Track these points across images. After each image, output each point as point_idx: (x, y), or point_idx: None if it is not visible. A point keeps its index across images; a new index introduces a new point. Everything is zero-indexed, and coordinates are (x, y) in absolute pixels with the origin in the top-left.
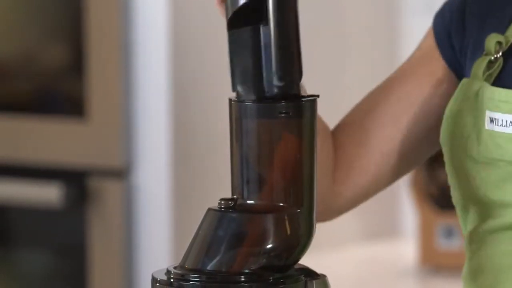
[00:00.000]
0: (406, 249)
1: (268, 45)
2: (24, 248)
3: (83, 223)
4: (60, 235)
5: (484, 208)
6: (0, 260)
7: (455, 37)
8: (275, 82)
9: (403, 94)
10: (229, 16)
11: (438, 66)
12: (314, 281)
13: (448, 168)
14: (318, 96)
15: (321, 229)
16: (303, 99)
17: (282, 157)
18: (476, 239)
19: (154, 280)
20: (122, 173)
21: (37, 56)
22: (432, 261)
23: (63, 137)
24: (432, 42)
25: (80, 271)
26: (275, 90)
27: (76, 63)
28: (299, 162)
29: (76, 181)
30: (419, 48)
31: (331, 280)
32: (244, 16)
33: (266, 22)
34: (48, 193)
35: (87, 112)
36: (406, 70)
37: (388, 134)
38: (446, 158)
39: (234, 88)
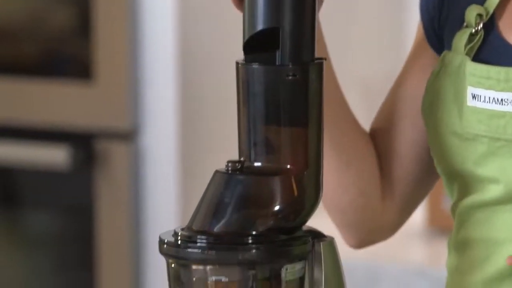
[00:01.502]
0: None
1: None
2: (32, 210)
3: (90, 185)
4: (68, 197)
5: (469, 182)
6: (8, 221)
7: (435, 13)
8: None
9: (409, 93)
10: None
11: (429, 58)
12: (321, 243)
13: (430, 141)
14: (325, 59)
15: None
16: (310, 62)
17: (289, 119)
18: (463, 212)
19: (161, 241)
20: (129, 135)
21: (44, 18)
22: (439, 222)
23: (70, 99)
24: (421, 33)
25: (87, 233)
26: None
27: (83, 25)
28: (306, 125)
29: (83, 144)
30: (414, 40)
31: (338, 241)
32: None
33: None
34: (55, 156)
35: (94, 75)
36: (407, 67)
37: (410, 139)
38: (428, 131)
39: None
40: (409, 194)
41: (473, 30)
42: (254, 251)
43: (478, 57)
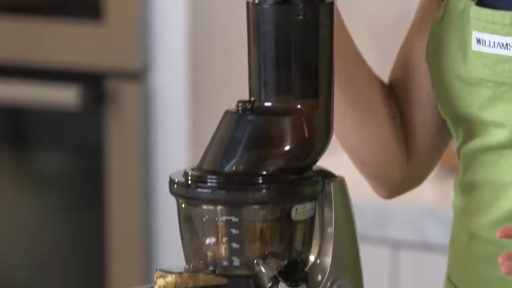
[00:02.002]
0: None
1: None
2: (42, 150)
3: (100, 125)
4: (78, 137)
5: (474, 127)
6: (18, 162)
7: None
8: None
9: (423, 43)
10: None
11: (439, 7)
12: (331, 183)
13: (435, 86)
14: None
15: None
16: (321, 2)
17: (299, 59)
18: (469, 155)
19: (171, 181)
20: (139, 74)
21: None
22: (450, 162)
23: (80, 39)
24: None
25: (97, 173)
26: None
27: None
28: (316, 65)
29: (93, 83)
30: None
31: (348, 181)
32: None
33: None
34: (65, 95)
35: (104, 14)
36: (417, 17)
37: (427, 88)
38: (432, 76)
39: None
40: (431, 143)
41: None
42: (264, 191)
43: (482, 1)
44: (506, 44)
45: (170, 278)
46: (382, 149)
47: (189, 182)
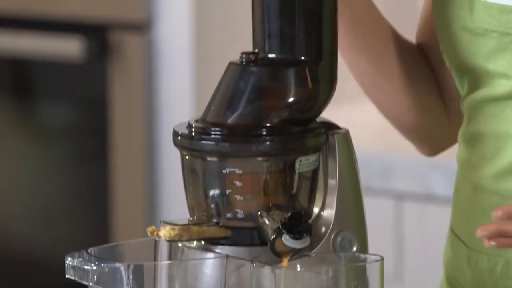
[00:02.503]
0: None
1: None
2: (45, 102)
3: (104, 76)
4: (82, 88)
5: (479, 77)
6: (22, 113)
7: None
8: None
9: None
10: None
11: None
12: (335, 135)
13: (440, 35)
14: None
15: (341, 83)
16: None
17: (303, 10)
18: (473, 105)
19: (175, 133)
20: (143, 26)
21: None
22: None
23: None
24: None
25: (101, 124)
26: None
27: None
28: (320, 16)
29: (98, 35)
30: None
31: (352, 133)
32: None
33: None
34: (69, 47)
35: None
36: None
37: None
38: (438, 27)
39: None
40: None
41: None
42: (268, 143)
43: None
44: None
45: (174, 230)
46: (422, 113)
47: (193, 134)
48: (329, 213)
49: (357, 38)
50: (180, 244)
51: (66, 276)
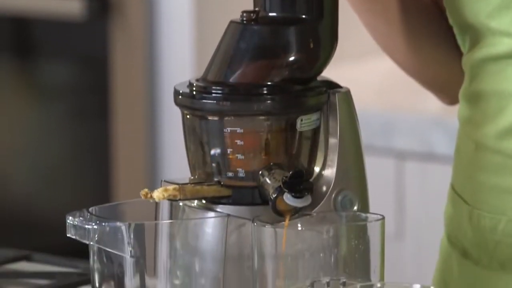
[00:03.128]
0: None
1: None
2: (47, 61)
3: (105, 35)
4: (82, 47)
5: (481, 35)
6: (24, 72)
7: None
8: None
9: None
10: None
11: None
12: (336, 93)
13: None
14: None
15: (343, 41)
16: None
17: None
18: (475, 64)
19: (176, 92)
20: None
21: None
22: None
23: None
24: None
25: (102, 83)
26: None
27: None
28: None
29: None
30: None
31: (353, 92)
32: None
33: None
34: (70, 5)
35: None
36: None
37: None
38: None
39: None
40: None
41: None
42: (269, 101)
43: None
44: None
45: (167, 191)
46: (442, 66)
47: (194, 93)
48: (330, 172)
49: (375, 3)
50: (181, 204)
51: (67, 235)
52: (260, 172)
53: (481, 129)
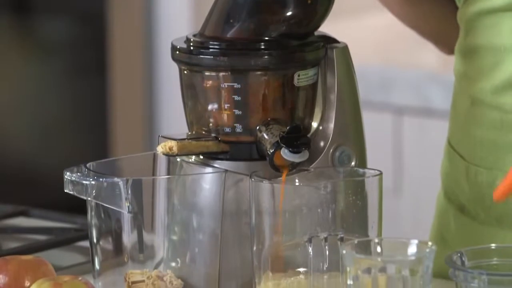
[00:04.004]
0: None
1: None
2: (44, 16)
3: None
4: (81, 2)
5: None
6: (22, 28)
7: None
8: None
9: None
10: None
11: None
12: (334, 49)
13: None
14: None
15: None
16: None
17: None
18: (470, 18)
19: (173, 48)
20: None
21: None
22: None
23: None
24: None
25: (100, 39)
26: None
27: None
28: None
29: None
30: None
31: (351, 47)
32: None
33: None
34: None
35: None
36: None
37: None
38: None
39: None
40: None
41: None
42: (266, 57)
43: None
44: None
45: (172, 145)
46: (439, 20)
47: (191, 48)
48: (328, 127)
49: None
50: (178, 159)
51: (65, 191)
52: (258, 128)
53: (477, 84)
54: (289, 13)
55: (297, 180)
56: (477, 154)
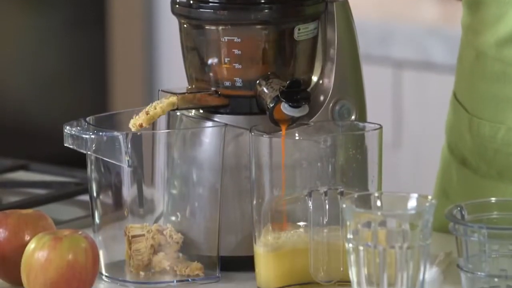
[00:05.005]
0: None
1: None
2: None
3: None
4: None
5: None
6: None
7: None
8: None
9: None
10: None
11: None
12: (334, 3)
13: None
14: None
15: None
16: None
17: None
18: None
19: (173, 1)
20: None
21: None
22: None
23: None
24: None
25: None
26: None
27: None
28: None
29: None
30: None
31: (350, 1)
32: None
33: None
34: None
35: None
36: None
37: None
38: None
39: None
40: None
41: None
42: (266, 10)
43: None
44: None
45: (172, 99)
46: None
47: (191, 2)
48: (327, 81)
49: None
50: (178, 113)
51: (64, 145)
52: (258, 82)
53: (481, 36)
54: None
55: (297, 134)
56: (480, 106)
